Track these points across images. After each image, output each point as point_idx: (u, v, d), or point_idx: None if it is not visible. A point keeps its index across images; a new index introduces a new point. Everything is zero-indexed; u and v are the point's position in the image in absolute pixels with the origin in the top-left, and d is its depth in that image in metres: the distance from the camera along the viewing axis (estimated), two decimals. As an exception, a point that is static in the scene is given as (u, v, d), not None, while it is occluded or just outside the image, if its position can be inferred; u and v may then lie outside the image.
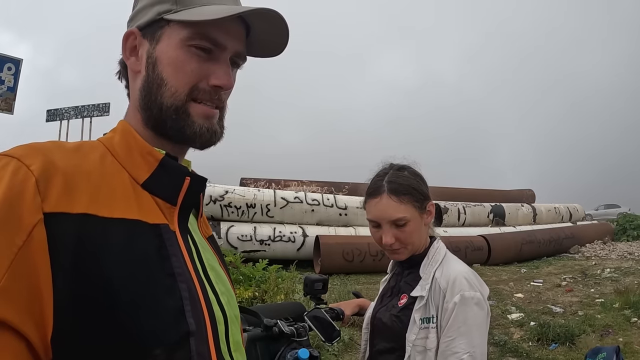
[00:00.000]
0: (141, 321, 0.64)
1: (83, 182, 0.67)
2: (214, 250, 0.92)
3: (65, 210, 0.63)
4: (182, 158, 0.87)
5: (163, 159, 0.79)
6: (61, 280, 0.60)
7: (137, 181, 0.76)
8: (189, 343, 0.68)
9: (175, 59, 0.78)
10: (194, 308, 0.71)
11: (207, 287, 0.79)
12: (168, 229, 0.75)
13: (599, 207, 33.21)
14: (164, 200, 0.77)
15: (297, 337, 1.48)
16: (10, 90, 7.57)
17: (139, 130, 0.81)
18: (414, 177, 1.57)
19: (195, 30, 0.78)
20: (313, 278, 1.73)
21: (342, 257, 9.32)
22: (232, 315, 0.84)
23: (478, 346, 1.34)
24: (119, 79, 0.88)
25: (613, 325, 5.91)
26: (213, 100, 0.82)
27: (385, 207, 1.50)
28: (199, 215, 0.91)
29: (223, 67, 0.82)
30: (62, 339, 0.60)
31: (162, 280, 0.69)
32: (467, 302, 1.37)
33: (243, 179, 14.86)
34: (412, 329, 1.41)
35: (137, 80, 0.82)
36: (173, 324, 0.68)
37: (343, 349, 4.80)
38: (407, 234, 1.49)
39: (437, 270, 1.48)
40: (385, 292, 1.66)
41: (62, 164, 0.67)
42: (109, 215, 0.67)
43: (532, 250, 12.25)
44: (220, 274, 0.87)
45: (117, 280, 0.64)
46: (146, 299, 0.66)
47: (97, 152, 0.75)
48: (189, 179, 0.80)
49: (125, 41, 0.82)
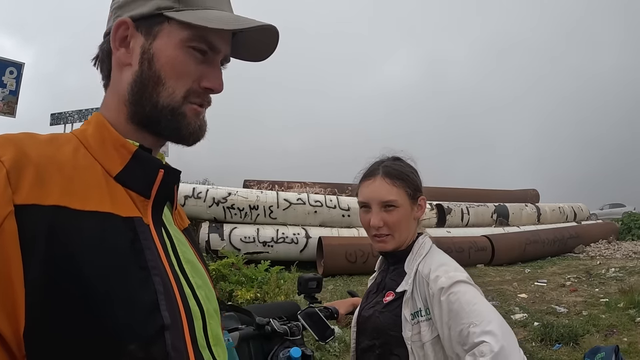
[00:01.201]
0: (115, 315, 0.64)
1: (55, 174, 0.67)
2: (191, 243, 0.91)
3: (37, 202, 0.62)
4: (156, 151, 0.86)
5: (136, 151, 0.77)
6: (33, 274, 0.60)
7: (110, 174, 0.75)
8: (164, 337, 0.67)
9: (174, 58, 0.78)
10: (169, 302, 0.70)
11: (182, 281, 0.78)
12: (142, 222, 0.74)
13: (604, 206, 33.05)
14: (138, 193, 0.76)
15: (290, 336, 1.47)
16: (13, 93, 7.64)
17: (120, 123, 0.80)
18: (409, 168, 1.59)
19: (196, 33, 0.78)
20: (307, 277, 1.71)
21: (345, 258, 9.32)
22: (210, 309, 0.83)
23: (493, 320, 1.24)
24: (94, 65, 0.86)
25: (617, 325, 5.87)
26: (203, 101, 0.82)
27: (377, 189, 1.51)
28: (173, 207, 0.90)
29: (216, 70, 0.82)
30: (34, 333, 0.60)
31: (136, 273, 0.68)
32: (454, 285, 1.32)
33: (246, 181, 14.90)
34: (405, 326, 1.40)
35: (125, 73, 0.80)
36: (147, 318, 0.67)
37: (344, 349, 4.79)
38: (395, 219, 1.49)
39: (420, 263, 1.46)
40: (371, 289, 1.64)
41: (35, 156, 0.66)
42: (81, 207, 0.66)
43: (536, 250, 12.20)
44: (197, 267, 0.86)
45: (89, 274, 0.63)
46: (119, 293, 0.65)
47: (71, 144, 0.74)
48: (163, 171, 0.79)
49: (116, 30, 0.80)
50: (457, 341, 1.27)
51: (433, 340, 1.35)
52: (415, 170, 1.60)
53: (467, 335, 1.23)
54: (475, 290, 1.35)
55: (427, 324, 1.36)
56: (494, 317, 1.25)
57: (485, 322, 1.23)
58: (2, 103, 7.49)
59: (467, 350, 1.22)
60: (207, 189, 10.27)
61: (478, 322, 1.23)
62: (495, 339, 1.18)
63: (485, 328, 1.21)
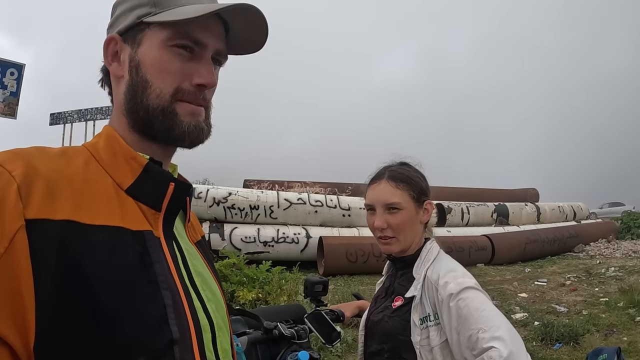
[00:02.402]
0: (124, 329, 0.64)
1: (66, 188, 0.67)
2: (203, 255, 0.91)
3: (48, 217, 0.63)
4: (167, 162, 0.86)
5: (147, 164, 0.78)
6: (43, 288, 0.60)
7: (121, 187, 0.75)
8: (173, 351, 0.68)
9: (158, 59, 0.78)
10: (178, 315, 0.71)
11: (192, 294, 0.78)
12: (152, 236, 0.74)
13: (603, 205, 33.06)
14: (148, 206, 0.77)
15: (297, 340, 1.49)
16: (13, 95, 7.64)
17: (125, 134, 0.81)
18: (416, 172, 1.61)
19: (175, 30, 0.78)
20: (313, 280, 1.73)
21: (345, 258, 9.32)
22: (219, 323, 0.83)
23: (501, 326, 1.26)
24: (101, 87, 0.88)
25: (617, 325, 5.88)
26: (198, 99, 0.81)
27: (382, 191, 1.55)
28: (186, 219, 0.90)
29: (205, 65, 0.81)
30: (44, 346, 0.60)
31: (145, 287, 0.68)
32: (463, 291, 1.34)
33: (246, 181, 14.89)
34: (414, 331, 1.41)
35: (120, 85, 0.82)
36: (156, 332, 0.67)
37: (346, 349, 4.80)
38: (398, 221, 1.51)
39: (429, 268, 1.48)
40: (379, 293, 1.66)
41: (45, 170, 0.66)
42: (91, 222, 0.67)
43: (536, 250, 12.21)
44: (208, 281, 0.86)
45: (99, 288, 0.63)
46: (128, 307, 0.65)
47: (81, 157, 0.75)
48: (173, 184, 0.79)
49: (107, 47, 0.82)
50: (466, 346, 1.29)
51: (441, 345, 1.37)
52: (422, 175, 1.63)
53: (476, 340, 1.25)
54: (484, 296, 1.37)
55: (435, 328, 1.38)
56: (502, 323, 1.27)
57: (494, 328, 1.25)
58: (2, 104, 7.49)
59: (476, 355, 1.25)
60: (207, 189, 10.26)
61: (487, 327, 1.25)
62: (504, 345, 1.20)
63: (494, 334, 1.23)
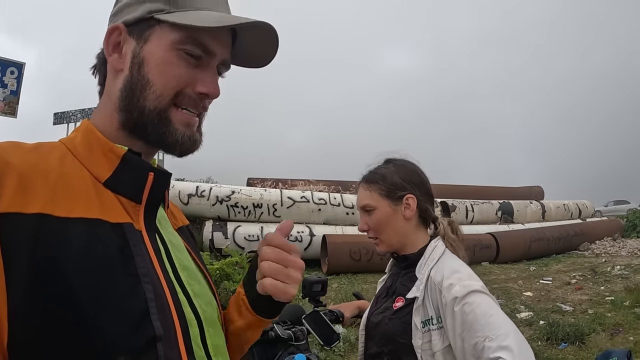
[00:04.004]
0: (103, 326, 0.61)
1: (40, 181, 0.65)
2: (188, 244, 0.88)
3: (19, 211, 0.61)
4: (147, 157, 0.83)
5: (125, 155, 0.75)
6: (15, 284, 0.58)
7: (99, 180, 0.73)
8: (156, 348, 0.65)
9: (163, 60, 0.75)
10: (161, 310, 0.68)
11: (177, 288, 0.75)
12: (132, 228, 0.72)
13: (609, 203, 32.80)
14: (128, 199, 0.74)
15: (294, 341, 1.46)
16: (14, 94, 7.65)
17: (112, 130, 0.78)
18: (396, 168, 1.56)
19: (187, 35, 0.75)
20: (312, 279, 1.67)
21: (349, 256, 9.30)
22: (208, 317, 0.80)
23: (509, 334, 1.19)
24: (92, 74, 0.85)
25: (623, 324, 5.82)
26: (197, 107, 0.79)
27: (359, 195, 1.59)
28: (166, 207, 0.87)
29: (211, 74, 0.79)
30: (18, 345, 0.58)
31: (125, 281, 0.66)
32: (469, 294, 1.28)
33: (250, 179, 14.87)
34: (416, 334, 1.36)
35: (117, 79, 0.78)
36: (137, 328, 0.64)
37: (349, 349, 4.78)
38: (374, 221, 1.52)
39: (432, 268, 1.42)
40: (380, 293, 1.61)
41: (18, 164, 0.65)
42: (66, 215, 0.65)
43: (541, 248, 12.15)
44: (195, 274, 0.83)
45: (75, 283, 0.61)
46: (107, 302, 0.63)
47: (57, 152, 0.73)
48: (153, 174, 0.76)
49: (109, 36, 0.79)
50: (471, 354, 1.23)
51: (444, 350, 1.31)
52: (405, 168, 1.57)
53: (482, 349, 1.19)
54: (491, 300, 1.30)
55: (438, 332, 1.33)
56: (510, 331, 1.21)
57: (502, 337, 1.18)
58: (3, 103, 7.51)
59: None
60: (210, 187, 10.27)
61: (494, 336, 1.19)
62: (512, 355, 1.14)
63: (501, 343, 1.17)
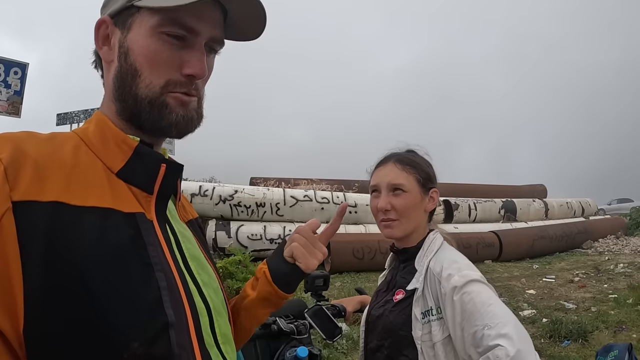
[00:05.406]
0: (117, 313, 0.63)
1: (55, 171, 0.66)
2: (197, 237, 0.89)
3: (35, 199, 0.62)
4: (158, 147, 0.84)
5: (137, 146, 0.77)
6: (31, 270, 0.59)
7: (112, 170, 0.74)
8: (168, 335, 0.66)
9: (147, 48, 0.75)
10: (173, 298, 0.70)
11: (187, 278, 0.77)
12: (144, 218, 0.73)
13: (612, 201, 32.63)
14: (140, 189, 0.75)
15: (297, 335, 1.47)
16: (17, 94, 7.67)
17: (114, 120, 0.79)
18: (422, 159, 1.59)
19: (165, 16, 0.74)
20: (314, 274, 1.67)
21: (352, 254, 9.29)
22: (217, 306, 0.81)
23: (508, 322, 1.21)
24: (95, 68, 0.86)
25: (627, 322, 5.81)
26: (189, 90, 0.79)
27: (388, 172, 1.53)
28: (177, 199, 0.88)
29: (197, 54, 0.78)
30: (34, 330, 0.59)
31: (138, 270, 0.67)
32: (468, 284, 1.29)
33: (253, 178, 14.87)
34: (415, 325, 1.36)
35: (110, 70, 0.80)
36: (150, 315, 0.66)
37: (352, 346, 4.79)
38: (402, 203, 1.48)
39: (431, 259, 1.43)
40: (381, 287, 1.62)
41: (34, 153, 0.66)
42: (81, 203, 0.66)
43: (544, 246, 12.12)
44: (203, 264, 0.84)
45: (90, 270, 0.62)
46: (121, 289, 0.64)
47: (71, 142, 0.74)
48: (165, 165, 0.78)
49: (97, 30, 0.80)
50: (470, 343, 1.24)
51: (444, 340, 1.32)
52: (429, 163, 1.60)
53: (482, 337, 1.21)
54: (490, 290, 1.31)
55: (438, 323, 1.34)
56: (509, 319, 1.22)
57: (501, 325, 1.20)
58: (7, 103, 7.53)
59: (482, 353, 1.20)
60: (213, 186, 10.27)
61: (493, 324, 1.20)
62: (511, 343, 1.15)
63: (500, 331, 1.19)
